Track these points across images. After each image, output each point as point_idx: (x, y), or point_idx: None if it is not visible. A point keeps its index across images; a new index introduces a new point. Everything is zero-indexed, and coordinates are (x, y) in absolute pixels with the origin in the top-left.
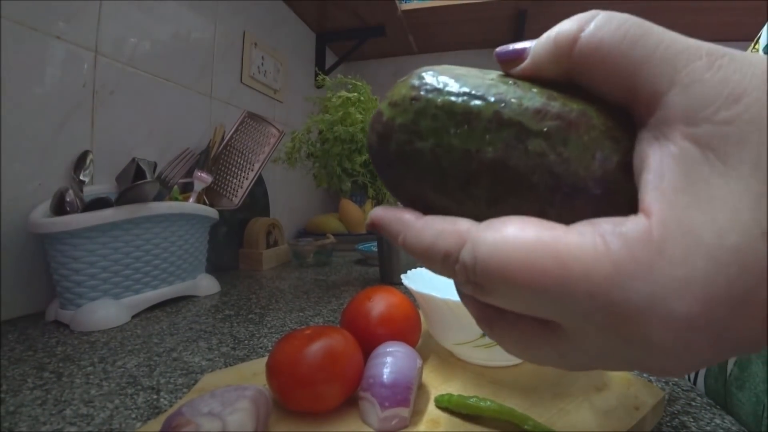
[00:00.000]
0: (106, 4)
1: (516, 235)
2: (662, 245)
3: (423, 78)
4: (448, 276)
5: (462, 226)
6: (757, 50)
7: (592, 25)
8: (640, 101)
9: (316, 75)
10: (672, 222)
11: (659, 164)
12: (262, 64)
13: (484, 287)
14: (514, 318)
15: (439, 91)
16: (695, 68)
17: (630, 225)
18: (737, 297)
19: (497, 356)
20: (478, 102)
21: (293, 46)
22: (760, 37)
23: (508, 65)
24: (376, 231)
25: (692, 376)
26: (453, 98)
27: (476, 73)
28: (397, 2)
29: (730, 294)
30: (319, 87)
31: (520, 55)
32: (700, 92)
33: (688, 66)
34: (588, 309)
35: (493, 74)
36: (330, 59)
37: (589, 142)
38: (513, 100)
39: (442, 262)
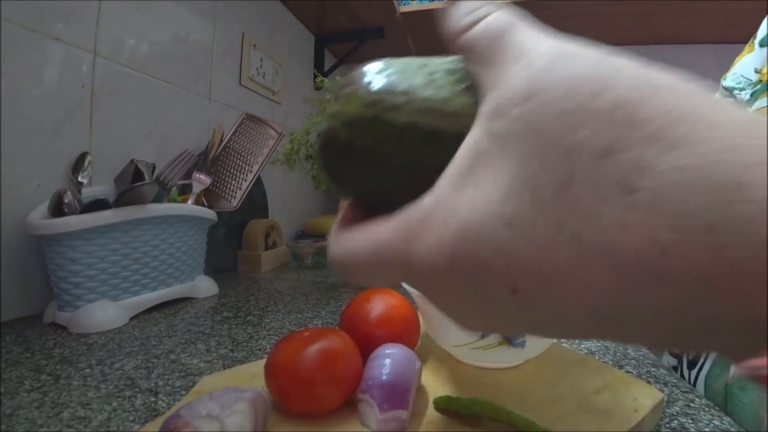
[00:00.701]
0: (105, 6)
1: (345, 236)
2: (431, 215)
3: (379, 94)
4: None
5: (333, 228)
6: (753, 44)
7: (480, 24)
8: (484, 90)
9: (315, 77)
10: (444, 198)
11: (460, 152)
12: (261, 65)
13: (337, 271)
14: None
15: (396, 109)
16: (515, 68)
17: (418, 202)
18: (475, 263)
19: (496, 358)
20: (443, 122)
21: (292, 48)
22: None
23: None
24: None
25: (692, 376)
26: (416, 118)
27: (416, 70)
28: (395, 4)
29: (468, 260)
30: (318, 89)
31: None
32: (507, 89)
33: (512, 65)
34: (402, 275)
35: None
36: (329, 61)
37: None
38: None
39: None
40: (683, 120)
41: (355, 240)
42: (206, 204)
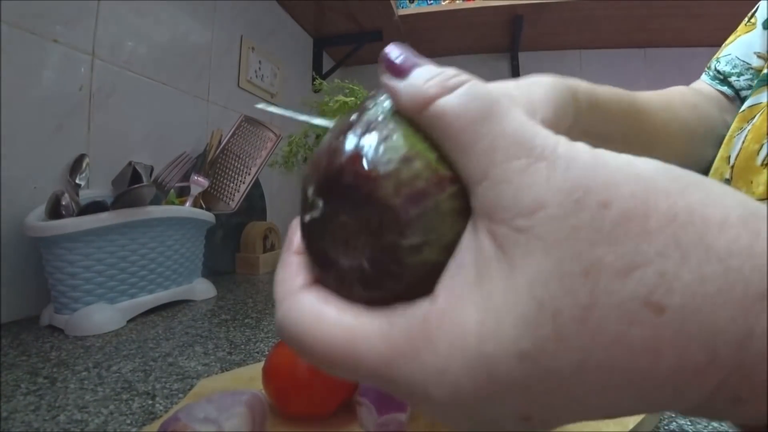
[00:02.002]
0: (104, 8)
1: (315, 309)
2: (433, 333)
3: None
4: None
5: (296, 282)
6: (754, 24)
7: (453, 95)
8: (465, 180)
9: (314, 79)
10: (449, 313)
11: (462, 253)
12: (260, 68)
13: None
14: None
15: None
16: (509, 168)
17: (415, 309)
18: (484, 397)
19: None
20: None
21: (290, 51)
22: (756, 10)
23: (387, 71)
24: None
25: None
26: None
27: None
28: (394, 7)
29: (476, 395)
30: (316, 91)
31: (402, 72)
32: (505, 194)
33: (505, 163)
34: (377, 381)
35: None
36: (327, 64)
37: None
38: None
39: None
40: (690, 223)
41: (330, 325)
42: (204, 206)
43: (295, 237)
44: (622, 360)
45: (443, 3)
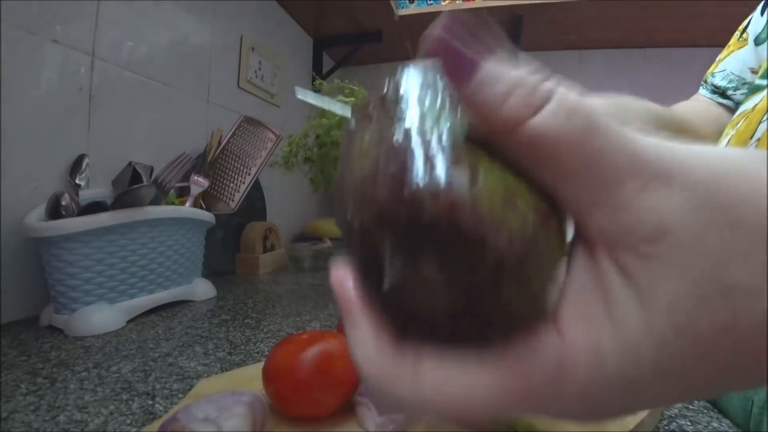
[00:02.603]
0: (103, 8)
1: (439, 391)
2: (571, 369)
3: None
4: None
5: (373, 344)
6: (746, 39)
7: (544, 113)
8: (568, 206)
9: (314, 80)
10: (582, 348)
11: (581, 284)
12: (260, 68)
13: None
14: None
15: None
16: (625, 191)
17: (543, 351)
18: (621, 409)
19: None
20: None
21: (290, 51)
22: (748, 24)
23: (450, 72)
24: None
25: None
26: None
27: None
28: (394, 7)
29: (616, 412)
30: (316, 91)
31: (468, 75)
32: (625, 220)
33: (618, 187)
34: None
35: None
36: (327, 64)
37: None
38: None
39: (373, 392)
40: None
41: (453, 388)
42: (204, 206)
43: (347, 286)
44: (756, 370)
45: (443, 3)
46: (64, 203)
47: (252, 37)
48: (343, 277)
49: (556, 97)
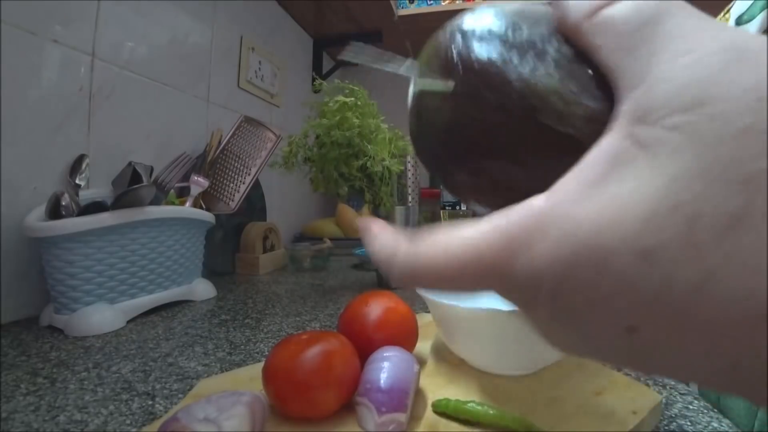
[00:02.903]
0: (104, 8)
1: (434, 240)
2: (542, 221)
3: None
4: None
5: (398, 239)
6: (727, 20)
7: (619, 4)
8: (619, 87)
9: (314, 80)
10: (563, 205)
11: (592, 155)
12: (260, 68)
13: (410, 284)
14: None
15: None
16: (675, 65)
17: (531, 202)
18: (591, 294)
19: (510, 364)
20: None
21: (290, 51)
22: (731, 7)
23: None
24: None
25: None
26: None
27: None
28: (394, 7)
29: (583, 290)
30: (316, 92)
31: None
32: (665, 90)
33: (671, 61)
34: (499, 284)
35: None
36: (327, 64)
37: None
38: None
39: (383, 265)
40: None
41: (439, 248)
42: (204, 207)
43: (371, 221)
44: (755, 292)
45: (443, 3)
46: (64, 203)
47: (252, 37)
48: (368, 219)
49: None
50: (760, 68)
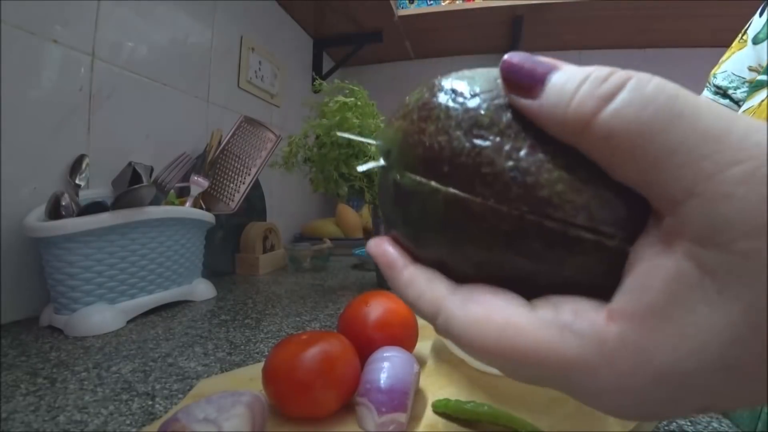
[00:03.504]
0: (103, 8)
1: (485, 317)
2: (612, 356)
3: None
4: None
5: (438, 292)
6: (745, 41)
7: (616, 103)
8: (652, 198)
9: (314, 80)
10: (631, 340)
11: (648, 276)
12: (260, 68)
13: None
14: None
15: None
16: (727, 178)
17: (590, 327)
18: (668, 403)
19: None
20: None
21: (290, 51)
22: (748, 27)
23: (513, 88)
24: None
25: None
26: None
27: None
28: (394, 8)
29: (660, 403)
30: (316, 92)
31: (532, 89)
32: (725, 213)
33: (719, 174)
34: (551, 385)
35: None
36: (327, 64)
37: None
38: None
39: (425, 317)
40: None
41: (491, 331)
42: (204, 207)
43: (392, 253)
44: None
45: (443, 3)
46: (64, 203)
47: (252, 37)
48: (382, 243)
49: (630, 85)
50: None
